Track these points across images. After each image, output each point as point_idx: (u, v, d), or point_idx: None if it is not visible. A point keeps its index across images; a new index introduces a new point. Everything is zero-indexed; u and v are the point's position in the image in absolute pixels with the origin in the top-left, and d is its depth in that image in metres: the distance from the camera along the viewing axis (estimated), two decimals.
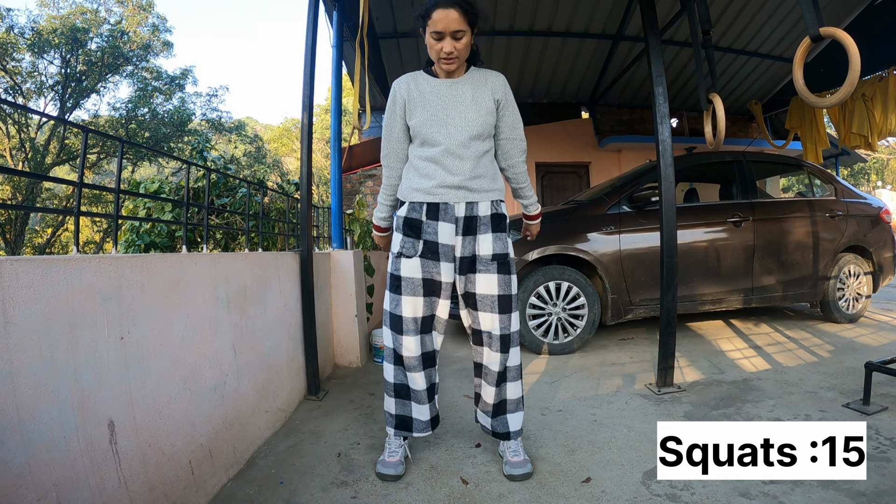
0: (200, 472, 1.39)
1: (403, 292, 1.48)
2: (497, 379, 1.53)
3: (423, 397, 1.55)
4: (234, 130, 16.80)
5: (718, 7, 4.61)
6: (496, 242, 1.49)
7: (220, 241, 3.15)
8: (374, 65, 4.66)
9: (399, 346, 1.51)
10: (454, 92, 1.50)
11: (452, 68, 1.48)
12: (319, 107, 18.72)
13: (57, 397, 0.96)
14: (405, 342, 1.50)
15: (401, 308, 1.48)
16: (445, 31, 1.40)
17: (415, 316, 1.49)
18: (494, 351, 1.51)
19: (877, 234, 3.70)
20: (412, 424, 1.57)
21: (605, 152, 6.88)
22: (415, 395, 1.54)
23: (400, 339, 1.50)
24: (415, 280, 1.47)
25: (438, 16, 1.39)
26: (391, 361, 1.55)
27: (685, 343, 3.16)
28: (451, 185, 1.46)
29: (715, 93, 2.88)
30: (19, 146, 12.31)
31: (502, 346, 1.50)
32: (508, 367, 1.53)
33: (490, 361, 1.53)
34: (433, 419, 1.61)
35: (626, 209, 3.13)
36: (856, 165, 15.86)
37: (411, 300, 1.48)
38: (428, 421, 1.58)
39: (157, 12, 14.09)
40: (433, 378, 1.59)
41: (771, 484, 1.40)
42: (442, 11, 1.39)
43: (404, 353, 1.50)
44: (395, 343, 1.52)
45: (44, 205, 13.46)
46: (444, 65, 1.47)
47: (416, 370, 1.52)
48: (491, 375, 1.54)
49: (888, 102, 4.84)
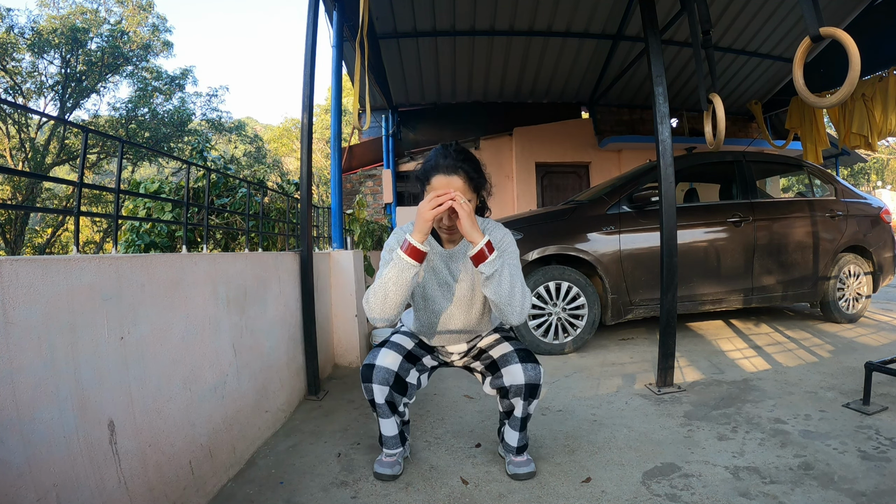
0: (200, 471, 1.39)
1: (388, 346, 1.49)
2: (522, 409, 1.47)
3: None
4: (234, 130, 16.80)
5: (718, 7, 4.61)
6: (499, 344, 1.54)
7: (220, 241, 3.15)
8: (374, 65, 4.66)
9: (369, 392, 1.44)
10: (454, 266, 1.46)
11: (455, 240, 1.43)
12: (319, 107, 18.73)
13: (57, 397, 0.96)
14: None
15: (377, 359, 1.44)
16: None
17: (387, 366, 1.43)
18: (520, 398, 1.44)
19: (877, 234, 3.70)
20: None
21: (605, 152, 6.88)
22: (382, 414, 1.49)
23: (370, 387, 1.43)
24: (403, 346, 1.52)
25: (439, 183, 1.27)
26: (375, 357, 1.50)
27: (685, 343, 3.16)
28: (453, 343, 1.56)
29: (715, 93, 2.87)
30: (19, 146, 12.30)
31: (528, 393, 1.43)
32: (535, 398, 1.46)
33: (517, 408, 1.46)
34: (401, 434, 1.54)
35: (626, 209, 3.13)
36: (856, 165, 15.86)
37: (390, 353, 1.46)
38: (397, 435, 1.52)
39: (157, 12, 14.11)
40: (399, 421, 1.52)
41: (771, 484, 1.40)
42: (443, 178, 1.27)
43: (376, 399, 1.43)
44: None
45: (44, 205, 13.46)
46: (444, 235, 1.43)
47: (385, 417, 1.47)
48: (518, 406, 1.47)
49: (888, 102, 4.84)
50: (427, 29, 4.87)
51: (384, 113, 6.42)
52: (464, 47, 5.31)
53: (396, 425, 1.48)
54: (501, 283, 1.26)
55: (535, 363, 1.43)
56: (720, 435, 1.75)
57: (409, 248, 1.23)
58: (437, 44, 5.18)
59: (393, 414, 1.46)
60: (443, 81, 6.01)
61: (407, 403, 1.51)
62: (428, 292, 1.47)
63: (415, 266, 1.24)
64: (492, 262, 1.24)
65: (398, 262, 1.24)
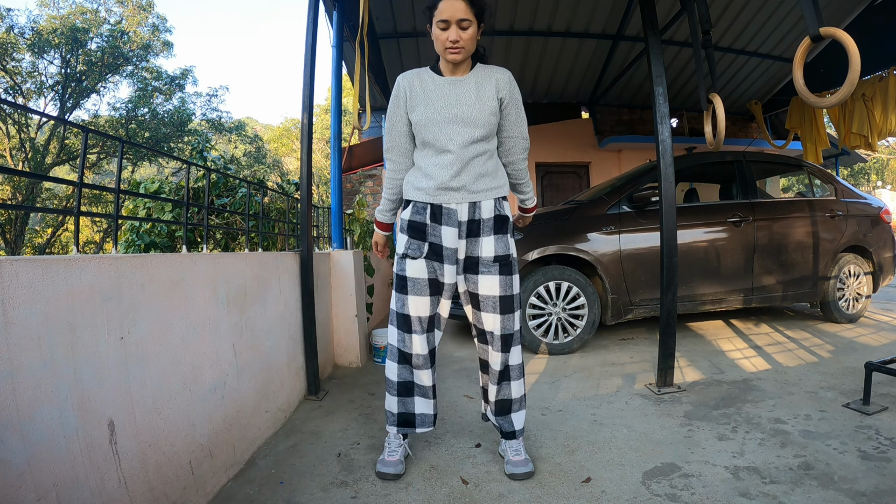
0: (200, 472, 1.39)
1: (410, 292, 1.51)
2: (498, 377, 1.57)
3: (430, 393, 1.60)
4: (234, 130, 16.80)
5: (718, 7, 4.61)
6: (498, 244, 1.51)
7: (220, 241, 3.16)
8: (374, 65, 4.67)
9: (405, 346, 1.54)
10: (457, 91, 1.49)
11: (458, 58, 1.46)
12: (319, 107, 18.73)
13: (57, 397, 0.96)
14: (413, 341, 1.54)
15: (407, 307, 1.52)
16: (451, 20, 1.41)
17: (420, 315, 1.52)
18: (496, 350, 1.55)
19: (877, 234, 3.70)
20: (415, 420, 1.59)
21: (605, 152, 6.88)
22: (422, 391, 1.58)
23: (407, 337, 1.54)
24: (420, 280, 1.50)
25: (445, 5, 1.41)
26: (395, 360, 1.56)
27: (685, 343, 3.16)
28: (452, 188, 1.47)
29: (715, 93, 2.88)
30: (19, 146, 12.31)
31: (503, 345, 1.54)
32: (510, 365, 1.56)
33: (493, 361, 1.57)
34: (436, 415, 1.65)
35: (626, 209, 3.13)
36: (856, 165, 15.86)
37: (417, 300, 1.51)
38: (433, 415, 1.62)
39: (157, 12, 14.12)
40: (434, 375, 1.63)
41: (771, 484, 1.40)
42: (448, 1, 1.41)
43: (413, 352, 1.54)
44: (400, 342, 1.55)
45: (44, 205, 13.46)
46: (449, 55, 1.46)
47: (424, 368, 1.56)
48: (493, 374, 1.58)
49: (888, 102, 4.84)
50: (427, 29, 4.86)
51: (384, 113, 6.42)
52: None
53: (434, 406, 1.63)
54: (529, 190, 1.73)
55: (510, 313, 1.52)
56: (720, 435, 1.75)
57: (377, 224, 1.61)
58: None
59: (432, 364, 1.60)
60: None
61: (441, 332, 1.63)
62: (434, 133, 1.48)
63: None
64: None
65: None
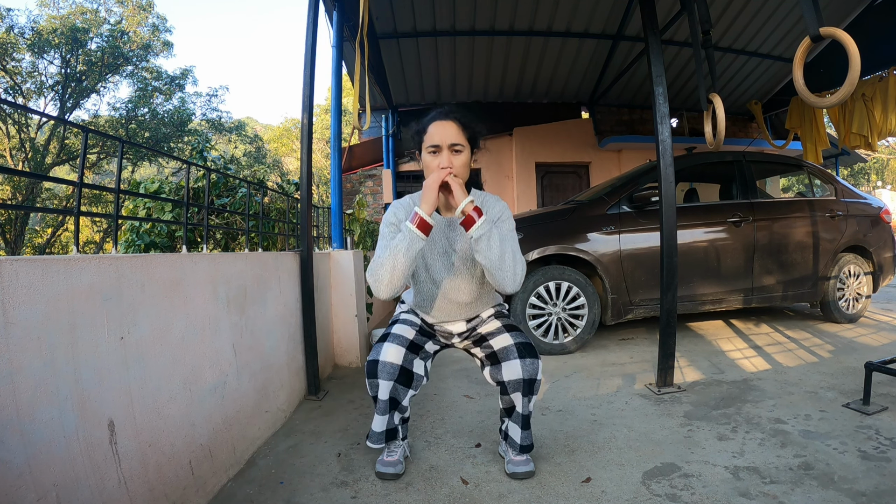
0: (200, 472, 1.39)
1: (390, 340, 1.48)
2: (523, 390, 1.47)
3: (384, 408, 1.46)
4: (234, 130, 16.81)
5: (718, 7, 4.61)
6: (500, 334, 1.53)
7: (220, 241, 3.15)
8: (374, 65, 4.66)
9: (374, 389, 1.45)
10: (452, 234, 1.47)
11: (453, 205, 1.38)
12: (319, 107, 18.73)
13: (57, 397, 0.96)
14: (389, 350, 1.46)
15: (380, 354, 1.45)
16: (442, 144, 1.35)
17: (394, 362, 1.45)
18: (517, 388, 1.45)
19: (877, 234, 3.70)
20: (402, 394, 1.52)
21: (605, 152, 6.88)
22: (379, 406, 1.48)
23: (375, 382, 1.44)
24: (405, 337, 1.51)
25: (435, 129, 1.36)
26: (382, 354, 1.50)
27: (685, 343, 3.16)
28: (453, 319, 1.56)
29: (715, 93, 2.88)
30: (19, 146, 12.30)
31: (525, 388, 1.45)
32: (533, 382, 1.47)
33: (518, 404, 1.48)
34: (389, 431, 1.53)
35: (626, 209, 3.13)
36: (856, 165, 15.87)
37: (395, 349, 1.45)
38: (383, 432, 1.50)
39: (157, 12, 14.11)
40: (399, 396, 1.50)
41: (771, 484, 1.40)
42: (439, 124, 1.36)
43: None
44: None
45: (44, 205, 13.45)
46: (441, 197, 1.40)
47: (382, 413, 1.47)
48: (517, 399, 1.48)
49: (888, 102, 4.84)
50: (427, 29, 4.87)
51: (384, 113, 6.42)
52: (464, 47, 5.31)
53: (388, 423, 1.48)
54: (491, 246, 1.31)
55: (533, 357, 1.45)
56: (720, 435, 1.75)
57: (418, 221, 1.31)
58: (437, 44, 5.18)
59: (391, 410, 1.46)
60: (443, 81, 6.01)
61: (413, 396, 1.52)
62: (428, 262, 1.50)
63: (423, 239, 1.32)
64: (480, 226, 1.31)
65: (408, 234, 1.30)
